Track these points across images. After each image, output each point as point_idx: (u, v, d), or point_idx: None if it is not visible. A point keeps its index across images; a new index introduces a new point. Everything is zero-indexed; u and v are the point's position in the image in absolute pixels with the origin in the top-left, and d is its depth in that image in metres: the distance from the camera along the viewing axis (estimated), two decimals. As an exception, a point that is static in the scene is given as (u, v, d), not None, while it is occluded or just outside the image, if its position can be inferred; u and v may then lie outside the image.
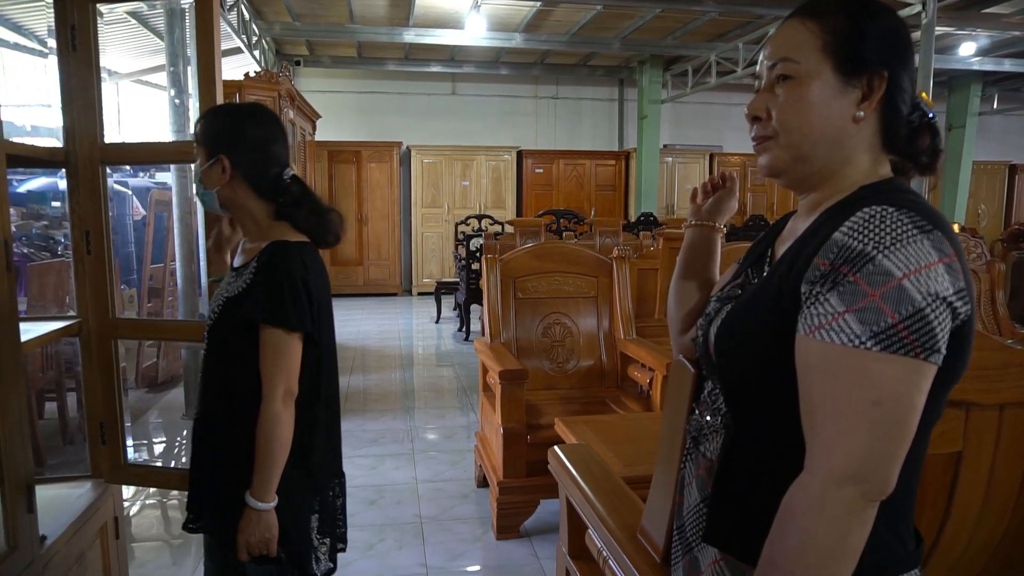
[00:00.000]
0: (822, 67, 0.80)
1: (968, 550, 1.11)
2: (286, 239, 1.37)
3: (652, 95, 9.17)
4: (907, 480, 0.75)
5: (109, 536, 1.84)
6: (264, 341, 1.31)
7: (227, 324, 1.36)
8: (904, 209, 0.71)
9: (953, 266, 0.70)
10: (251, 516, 1.31)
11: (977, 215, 10.40)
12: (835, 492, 0.69)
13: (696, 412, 0.94)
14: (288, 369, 1.32)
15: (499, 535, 2.73)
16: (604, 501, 1.40)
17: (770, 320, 0.78)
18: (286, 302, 1.30)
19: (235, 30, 6.38)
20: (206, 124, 1.42)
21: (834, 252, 0.71)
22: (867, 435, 0.68)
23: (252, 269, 1.35)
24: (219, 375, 1.38)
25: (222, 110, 1.47)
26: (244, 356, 1.33)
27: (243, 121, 1.41)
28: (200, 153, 1.40)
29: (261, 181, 1.40)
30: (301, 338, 1.33)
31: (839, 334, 0.69)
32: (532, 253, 3.23)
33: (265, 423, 1.30)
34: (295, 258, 1.35)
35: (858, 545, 0.70)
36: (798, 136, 0.82)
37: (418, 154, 9.27)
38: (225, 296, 1.38)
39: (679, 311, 1.11)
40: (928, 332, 0.68)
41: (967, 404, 1.02)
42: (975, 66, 8.43)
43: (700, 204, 1.14)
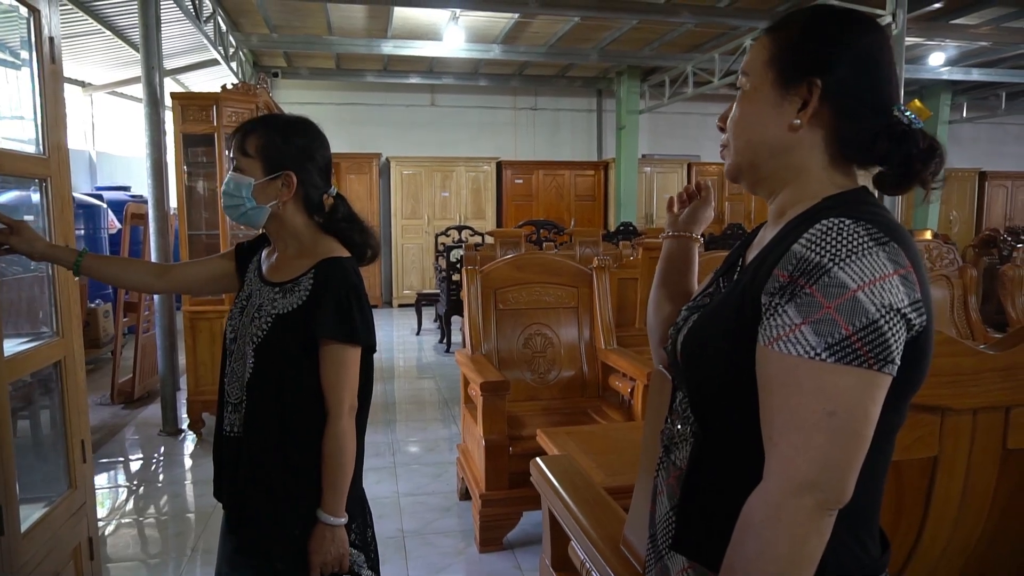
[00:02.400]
0: (765, 79, 0.84)
1: (946, 553, 1.13)
2: (338, 255, 1.37)
3: (630, 105, 9.26)
4: (869, 488, 0.76)
5: (83, 557, 1.80)
6: (331, 356, 1.31)
7: (281, 341, 1.32)
8: (861, 221, 0.72)
9: (909, 278, 0.71)
10: (325, 533, 1.31)
11: (949, 221, 10.60)
12: (792, 501, 0.69)
13: (669, 421, 0.94)
14: (352, 383, 1.33)
15: (482, 548, 2.71)
16: (586, 512, 1.40)
17: (733, 330, 0.79)
18: (355, 318, 1.31)
19: (212, 42, 6.34)
20: (266, 138, 1.37)
21: (792, 264, 0.72)
22: (823, 445, 0.69)
23: (307, 287, 1.33)
24: (271, 392, 1.34)
25: (283, 124, 1.42)
26: (298, 374, 1.32)
27: (312, 139, 1.42)
28: (252, 167, 1.36)
29: (314, 199, 1.41)
30: (360, 352, 1.35)
31: (796, 345, 0.70)
32: (513, 264, 3.23)
33: (335, 439, 1.31)
34: (352, 273, 1.36)
35: (815, 553, 0.71)
36: (742, 144, 0.87)
37: (397, 165, 9.26)
38: (275, 313, 1.34)
39: (658, 321, 1.12)
40: (882, 343, 0.69)
41: (942, 409, 1.03)
42: (944, 75, 8.62)
43: (677, 214, 1.15)
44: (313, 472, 1.32)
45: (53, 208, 1.75)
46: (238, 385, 1.37)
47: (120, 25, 6.18)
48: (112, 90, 8.24)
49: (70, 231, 1.81)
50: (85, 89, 7.89)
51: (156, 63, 4.16)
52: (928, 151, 0.80)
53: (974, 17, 6.80)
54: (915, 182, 0.82)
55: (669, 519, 0.89)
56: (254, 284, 1.43)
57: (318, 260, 1.35)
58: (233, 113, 4.02)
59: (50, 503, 1.71)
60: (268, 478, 1.34)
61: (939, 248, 3.64)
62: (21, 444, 1.65)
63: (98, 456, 3.75)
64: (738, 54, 7.38)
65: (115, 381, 4.79)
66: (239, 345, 1.38)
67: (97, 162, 8.27)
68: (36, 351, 1.68)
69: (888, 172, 0.82)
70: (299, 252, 1.40)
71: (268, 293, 1.37)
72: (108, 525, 3.01)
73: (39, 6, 1.68)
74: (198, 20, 5.80)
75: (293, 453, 1.32)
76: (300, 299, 1.33)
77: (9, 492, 1.47)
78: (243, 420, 1.35)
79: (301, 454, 1.32)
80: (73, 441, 1.81)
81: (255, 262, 1.47)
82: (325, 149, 1.45)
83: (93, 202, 6.37)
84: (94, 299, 5.96)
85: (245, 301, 1.42)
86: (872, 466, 0.73)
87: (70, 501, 1.77)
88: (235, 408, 1.37)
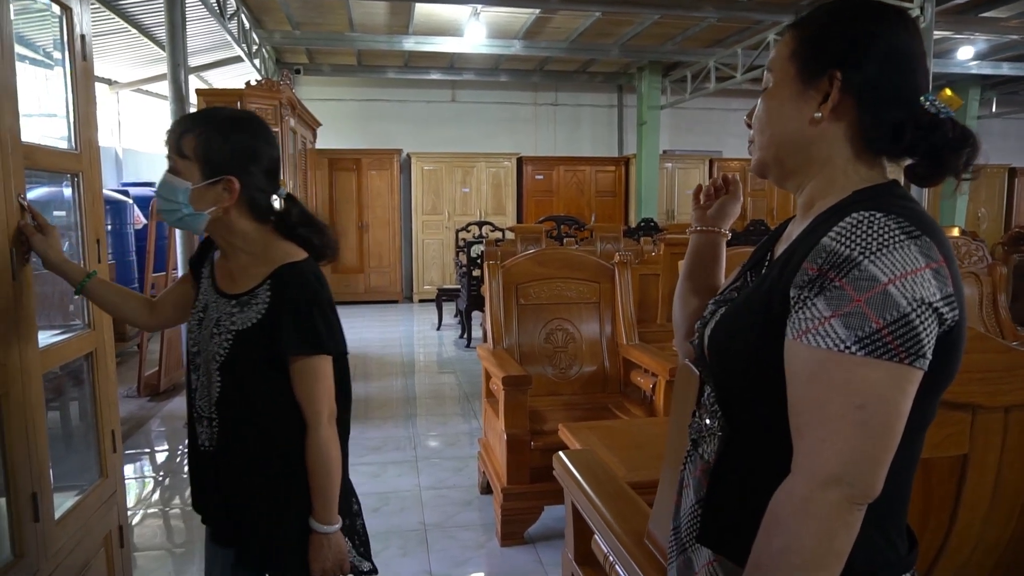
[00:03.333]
0: (787, 74, 0.84)
1: (975, 552, 1.11)
2: (293, 260, 1.29)
3: (651, 101, 9.20)
4: (897, 484, 0.75)
5: (114, 545, 1.84)
6: (302, 370, 1.27)
7: (245, 359, 1.27)
8: (892, 214, 0.71)
9: (941, 271, 0.70)
10: (322, 542, 1.29)
11: (977, 218, 10.40)
12: (820, 495, 0.69)
13: (697, 415, 0.94)
14: (328, 390, 1.30)
15: (503, 542, 2.72)
16: (610, 506, 1.40)
17: (761, 323, 0.79)
18: (319, 328, 1.26)
19: (235, 39, 6.40)
20: (205, 138, 1.25)
21: (822, 257, 0.72)
22: (852, 439, 0.69)
23: (265, 299, 1.26)
24: (242, 410, 1.30)
25: (224, 122, 1.29)
26: (268, 389, 1.28)
27: (256, 139, 1.30)
28: (189, 169, 1.25)
29: (261, 204, 1.31)
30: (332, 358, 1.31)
31: (825, 338, 0.70)
32: (534, 259, 3.23)
33: (318, 448, 1.28)
34: (311, 279, 1.29)
35: (843, 548, 0.70)
36: (766, 139, 0.88)
37: (418, 161, 9.29)
38: (234, 329, 1.27)
39: (684, 315, 1.12)
40: (913, 337, 0.68)
41: (973, 407, 1.02)
42: (973, 70, 8.46)
43: (704, 209, 1.15)
44: (298, 480, 1.29)
45: (85, 202, 1.78)
46: (207, 400, 1.32)
47: (146, 23, 6.26)
48: (138, 87, 8.35)
49: (101, 225, 1.84)
50: (112, 87, 8.01)
51: (181, 60, 4.21)
52: (959, 140, 0.79)
53: (1004, 10, 6.66)
54: (947, 173, 0.80)
55: (695, 512, 0.89)
56: (209, 295, 1.35)
57: (273, 268, 1.27)
58: (257, 109, 4.06)
59: (82, 491, 1.75)
60: (254, 491, 1.31)
61: (967, 245, 3.58)
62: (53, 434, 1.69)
63: (125, 447, 3.82)
64: (761, 49, 7.30)
65: (141, 374, 4.87)
66: (202, 360, 1.32)
67: (123, 159, 8.40)
68: (68, 343, 1.71)
69: (918, 163, 0.82)
70: (252, 259, 1.31)
71: (225, 306, 1.30)
72: (135, 515, 3.07)
73: (71, 4, 1.71)
74: (222, 17, 5.86)
75: (275, 464, 1.29)
76: (259, 313, 1.26)
77: (43, 480, 1.51)
78: (217, 436, 1.31)
79: (284, 464, 1.29)
80: (104, 431, 1.84)
81: (207, 267, 1.39)
82: (271, 147, 1.33)
83: (120, 198, 6.46)
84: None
85: (202, 313, 1.34)
86: (901, 462, 0.73)
87: (101, 490, 1.81)
88: (208, 422, 1.32)
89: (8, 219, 1.39)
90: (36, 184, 1.85)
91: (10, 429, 1.41)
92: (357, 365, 5.90)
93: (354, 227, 9.20)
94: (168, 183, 1.26)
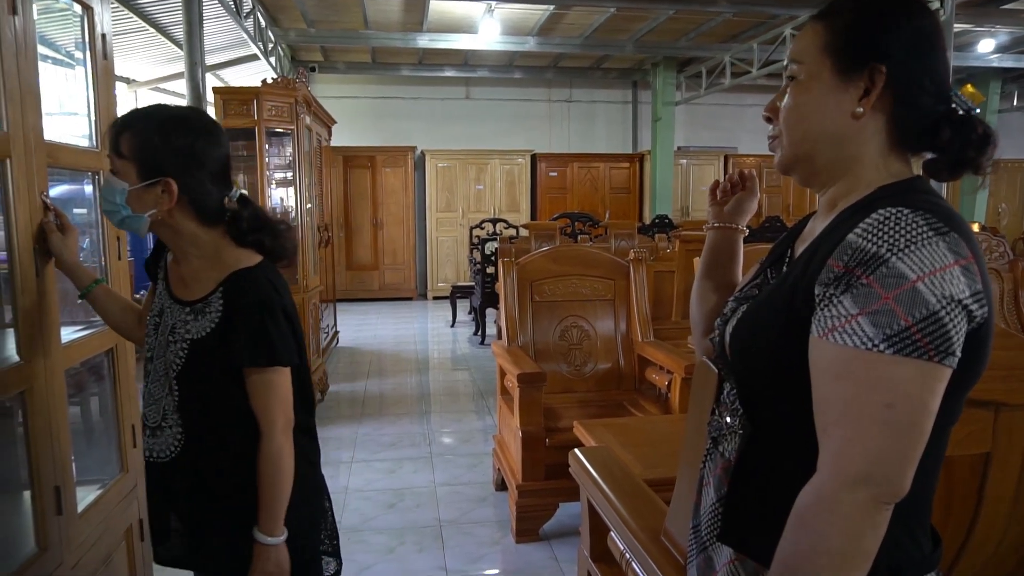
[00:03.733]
0: (822, 66, 0.82)
1: (998, 551, 1.10)
2: (246, 265, 1.25)
3: (666, 97, 9.16)
4: (923, 483, 0.75)
5: (135, 538, 1.86)
6: (257, 383, 1.23)
7: (200, 369, 1.24)
8: (920, 211, 0.71)
9: (970, 268, 0.69)
10: (262, 552, 1.24)
11: (998, 214, 10.27)
12: (847, 494, 0.69)
13: (716, 413, 0.94)
14: (283, 401, 1.26)
15: (518, 538, 2.73)
16: (626, 503, 1.40)
17: (784, 321, 0.78)
18: (273, 339, 1.22)
19: (251, 37, 6.44)
20: (142, 137, 1.20)
21: (848, 254, 0.71)
22: (880, 437, 0.68)
23: (218, 307, 1.22)
24: (199, 419, 1.27)
25: (164, 121, 1.22)
26: (227, 397, 1.25)
27: (197, 138, 1.23)
28: (126, 169, 1.20)
29: (208, 206, 1.25)
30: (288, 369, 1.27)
31: (852, 336, 0.69)
32: (549, 256, 3.23)
33: (269, 459, 1.24)
34: (265, 285, 1.24)
35: (871, 548, 0.70)
36: (798, 135, 0.84)
37: (432, 158, 9.31)
38: (189, 338, 1.24)
39: (702, 312, 1.11)
40: (942, 335, 0.68)
41: (996, 404, 1.01)
42: (994, 63, 8.34)
43: (721, 205, 1.14)
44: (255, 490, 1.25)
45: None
46: (156, 408, 1.29)
47: (163, 22, 6.31)
48: (155, 86, 8.43)
49: (121, 223, 1.87)
50: (130, 85, 8.09)
51: (199, 59, 4.25)
52: (984, 138, 0.79)
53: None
54: (968, 169, 0.80)
55: (716, 510, 0.89)
56: (164, 299, 1.31)
57: (225, 274, 1.24)
58: (273, 107, 4.08)
59: (103, 486, 1.77)
60: (210, 501, 1.28)
61: (988, 241, 3.54)
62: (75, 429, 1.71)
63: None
64: (777, 43, 7.24)
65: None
66: (157, 367, 1.29)
67: (141, 157, 8.47)
68: (89, 339, 1.73)
69: (941, 159, 0.81)
70: (203, 263, 1.27)
71: (179, 313, 1.26)
72: (155, 509, 3.11)
73: (92, 4, 1.73)
74: (238, 16, 5.90)
75: (239, 470, 1.26)
76: (212, 322, 1.23)
77: (66, 474, 1.53)
78: (179, 443, 1.27)
79: (242, 473, 1.25)
80: (124, 426, 1.86)
81: (161, 269, 1.35)
82: (217, 147, 1.26)
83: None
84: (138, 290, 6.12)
85: (158, 318, 1.31)
86: (927, 460, 0.72)
87: (122, 484, 1.83)
88: (153, 432, 1.29)
89: (32, 217, 1.41)
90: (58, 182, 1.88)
91: (34, 424, 1.43)
92: (372, 362, 5.93)
93: (368, 224, 9.24)
94: (107, 183, 1.23)
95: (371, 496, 3.19)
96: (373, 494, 3.20)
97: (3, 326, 1.53)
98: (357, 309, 8.53)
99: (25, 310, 1.40)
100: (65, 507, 1.50)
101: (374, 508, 3.05)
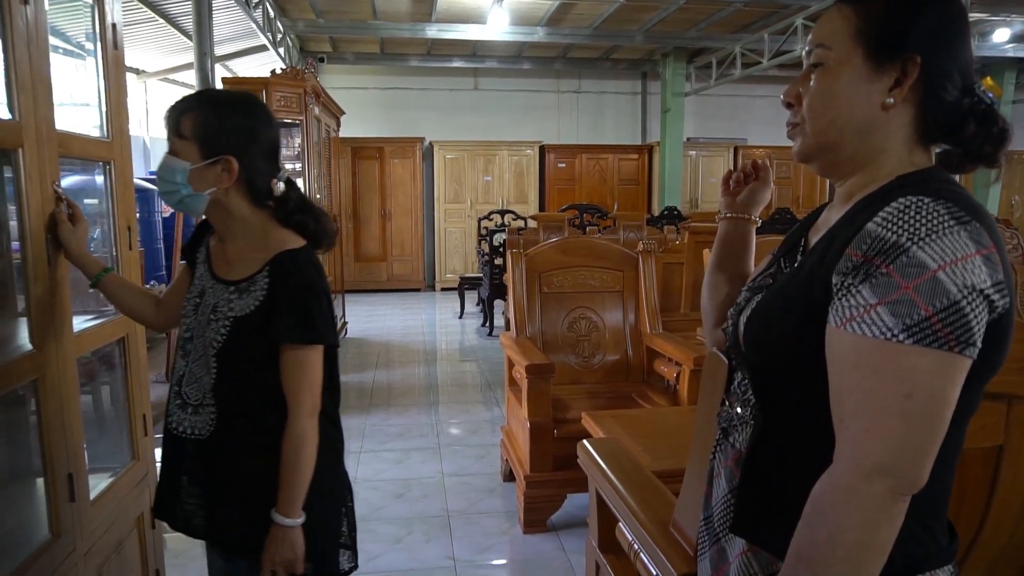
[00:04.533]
0: (853, 53, 0.79)
1: (1009, 544, 1.10)
2: (292, 247, 1.29)
3: (675, 88, 9.10)
4: (940, 475, 0.74)
5: (146, 526, 1.88)
6: (292, 359, 1.26)
7: (240, 347, 1.27)
8: (941, 199, 0.70)
9: (991, 258, 0.69)
10: (278, 534, 1.26)
11: (1011, 206, 10.17)
12: (865, 486, 0.68)
13: (727, 403, 0.93)
14: (313, 384, 1.28)
15: (526, 529, 2.74)
16: (635, 494, 1.40)
17: (800, 310, 0.77)
18: (315, 318, 1.26)
19: (260, 27, 6.44)
20: (203, 118, 1.26)
21: (867, 243, 0.70)
22: (899, 429, 0.68)
23: (263, 286, 1.26)
24: (235, 396, 1.30)
25: (223, 103, 1.29)
26: (262, 377, 1.28)
27: (256, 119, 1.30)
28: (187, 149, 1.25)
29: (260, 187, 1.31)
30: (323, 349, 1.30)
31: (871, 327, 0.69)
32: (557, 247, 3.22)
33: (294, 441, 1.26)
34: (310, 267, 1.29)
35: (888, 540, 0.69)
36: (825, 123, 0.81)
37: (440, 150, 9.29)
38: (232, 316, 1.27)
39: (713, 303, 1.11)
40: (963, 325, 0.67)
41: (1009, 397, 1.00)
42: (1010, 53, 8.24)
43: (734, 195, 1.13)
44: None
45: (116, 190, 1.81)
46: (197, 387, 1.31)
47: (172, 13, 6.32)
48: (165, 77, 8.45)
49: (132, 213, 1.87)
50: (140, 76, 8.11)
51: (208, 49, 4.25)
52: (1001, 133, 0.78)
53: (1043, -9, 6.47)
54: (981, 163, 0.79)
55: (727, 502, 0.89)
56: (205, 279, 1.34)
57: (272, 255, 1.27)
58: (282, 98, 4.09)
59: (115, 474, 1.78)
60: (239, 479, 1.30)
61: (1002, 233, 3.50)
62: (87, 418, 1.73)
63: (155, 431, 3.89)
64: (788, 34, 7.17)
65: (169, 359, 4.96)
66: (196, 346, 1.32)
67: (151, 147, 8.52)
68: (101, 328, 1.74)
69: (956, 151, 0.80)
70: (249, 245, 1.30)
71: (222, 292, 1.30)
72: (166, 497, 3.14)
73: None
74: (247, 6, 5.89)
75: (263, 453, 1.28)
76: (257, 300, 1.26)
77: (79, 462, 1.54)
78: (213, 423, 1.30)
79: (272, 456, 1.27)
80: (136, 415, 1.88)
81: (202, 253, 1.39)
82: (271, 129, 1.33)
83: (147, 186, 6.54)
84: (148, 280, 6.16)
85: (198, 298, 1.34)
86: (944, 452, 0.71)
87: (133, 472, 1.85)
88: (195, 410, 1.31)
89: (44, 206, 1.42)
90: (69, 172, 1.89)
91: (46, 412, 1.44)
92: (380, 353, 5.95)
93: (377, 215, 9.25)
94: (167, 164, 1.26)
95: (379, 486, 3.20)
96: (381, 484, 3.22)
97: (16, 315, 1.54)
98: (365, 300, 8.55)
99: (37, 299, 1.41)
100: (78, 494, 1.51)
101: (382, 498, 3.07)
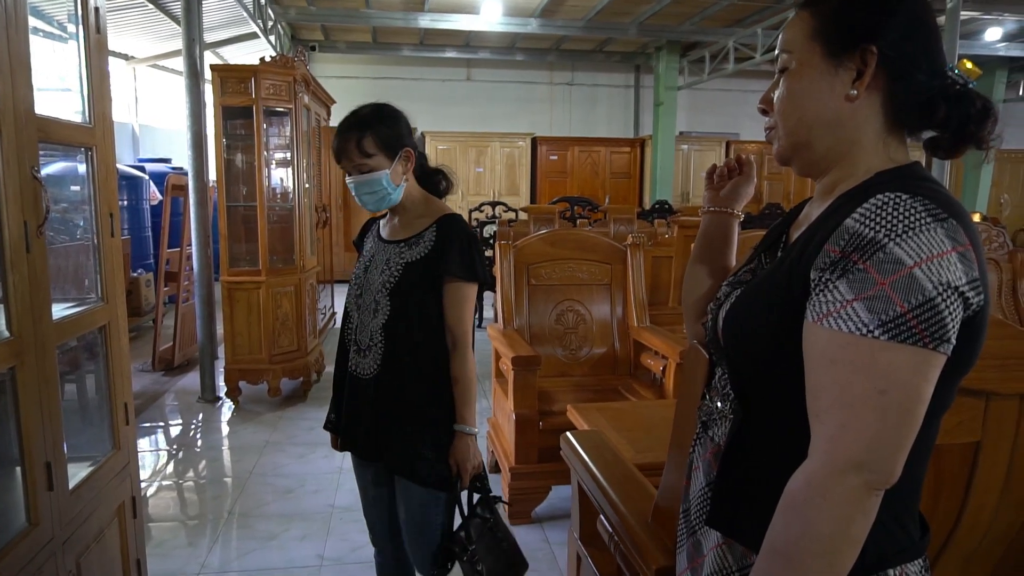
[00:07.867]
0: (812, 53, 0.81)
1: (984, 541, 1.10)
2: (451, 212, 1.62)
3: (668, 81, 9.10)
4: (913, 470, 0.74)
5: (127, 515, 1.87)
6: (455, 294, 1.56)
7: (412, 284, 1.56)
8: (919, 196, 0.70)
9: (967, 255, 0.69)
10: (467, 442, 1.57)
11: (1000, 204, 10.24)
12: (838, 480, 0.68)
13: (707, 397, 0.94)
14: (471, 316, 1.59)
15: (511, 520, 2.74)
16: (616, 487, 1.40)
17: (778, 305, 0.78)
18: (475, 261, 1.57)
19: (251, 14, 6.38)
20: (377, 132, 1.57)
21: (845, 239, 0.70)
22: (873, 424, 0.68)
23: (431, 239, 1.57)
24: (406, 331, 1.56)
25: (379, 115, 1.62)
26: (428, 311, 1.56)
27: (401, 114, 1.65)
28: (377, 161, 1.56)
29: (423, 164, 1.66)
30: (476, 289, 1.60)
31: (847, 322, 0.69)
32: (546, 240, 3.22)
33: (465, 363, 1.57)
34: (467, 225, 1.61)
35: (861, 534, 0.70)
36: (793, 122, 0.84)
37: (432, 140, 9.26)
38: (403, 262, 1.57)
39: (694, 298, 1.10)
40: (938, 322, 0.67)
41: (987, 393, 1.01)
42: (1001, 52, 8.28)
43: (717, 189, 1.13)
44: (440, 401, 1.58)
45: (98, 176, 1.78)
46: (367, 332, 1.59)
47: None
48: (154, 63, 8.37)
49: (114, 200, 1.85)
50: (129, 62, 8.03)
51: (197, 36, 4.20)
52: (983, 111, 0.78)
53: (1035, -10, 6.50)
54: (969, 144, 0.79)
55: (704, 495, 0.89)
56: (376, 247, 1.66)
57: (435, 218, 1.59)
58: (271, 86, 4.05)
59: (95, 463, 1.77)
60: (404, 410, 1.57)
61: (988, 231, 3.53)
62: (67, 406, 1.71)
63: (140, 421, 3.87)
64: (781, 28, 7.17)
65: (156, 348, 4.93)
66: (366, 299, 1.61)
67: (140, 134, 8.44)
68: (82, 315, 1.72)
69: (942, 135, 0.80)
70: (415, 215, 1.63)
71: (394, 249, 1.61)
72: (149, 487, 3.12)
73: (84, -24, 1.70)
74: (238, -7, 5.83)
75: (424, 386, 1.57)
76: (426, 249, 1.57)
77: (57, 450, 1.53)
78: (380, 361, 1.57)
79: (431, 386, 1.57)
80: (117, 403, 1.86)
81: (371, 234, 1.72)
82: (405, 117, 1.68)
83: (136, 174, 6.50)
84: (136, 268, 6.11)
85: (368, 261, 1.65)
86: (917, 447, 0.71)
87: (114, 461, 1.83)
88: (365, 352, 1.60)
89: (22, 191, 1.40)
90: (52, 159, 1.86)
91: (24, 399, 1.42)
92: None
93: (368, 206, 9.21)
94: (368, 180, 1.57)
95: (365, 477, 3.19)
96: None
97: (-6, 301, 1.52)
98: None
99: (15, 285, 1.39)
100: (56, 483, 1.50)
101: (368, 488, 3.06)
